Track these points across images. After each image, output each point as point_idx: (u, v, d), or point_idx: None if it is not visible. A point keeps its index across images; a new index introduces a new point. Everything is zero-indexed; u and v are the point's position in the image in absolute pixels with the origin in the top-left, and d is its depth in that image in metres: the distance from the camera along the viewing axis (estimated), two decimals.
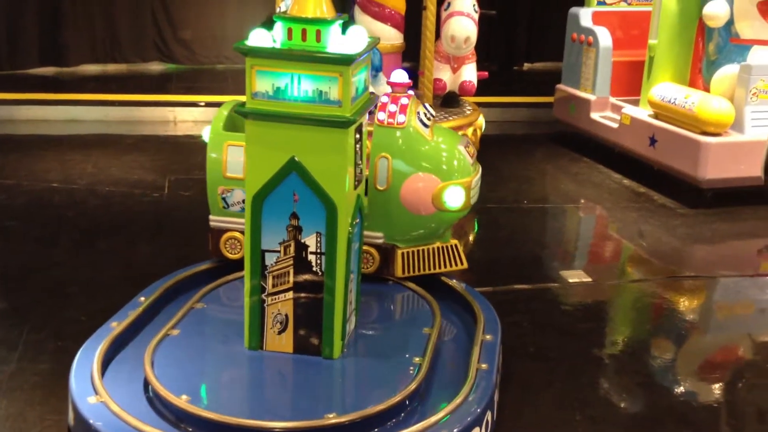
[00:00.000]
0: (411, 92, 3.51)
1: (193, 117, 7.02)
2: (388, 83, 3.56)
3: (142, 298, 3.28)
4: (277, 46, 2.77)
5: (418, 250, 3.47)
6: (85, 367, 2.82)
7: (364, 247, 3.40)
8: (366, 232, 3.34)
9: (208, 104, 7.15)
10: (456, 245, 3.52)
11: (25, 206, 4.98)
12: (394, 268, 3.46)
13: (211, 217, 3.53)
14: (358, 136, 2.90)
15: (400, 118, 3.34)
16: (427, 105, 3.46)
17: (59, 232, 4.62)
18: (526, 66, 9.41)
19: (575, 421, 3.09)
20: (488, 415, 2.78)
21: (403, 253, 3.45)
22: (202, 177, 5.64)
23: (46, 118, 6.79)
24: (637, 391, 3.35)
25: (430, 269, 3.48)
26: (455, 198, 3.34)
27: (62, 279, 4.03)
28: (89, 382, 2.74)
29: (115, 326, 3.06)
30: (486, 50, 8.74)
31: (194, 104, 7.10)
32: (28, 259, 4.28)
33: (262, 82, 2.76)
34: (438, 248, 3.48)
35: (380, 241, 3.46)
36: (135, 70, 8.31)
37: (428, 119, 3.39)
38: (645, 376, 3.47)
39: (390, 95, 3.43)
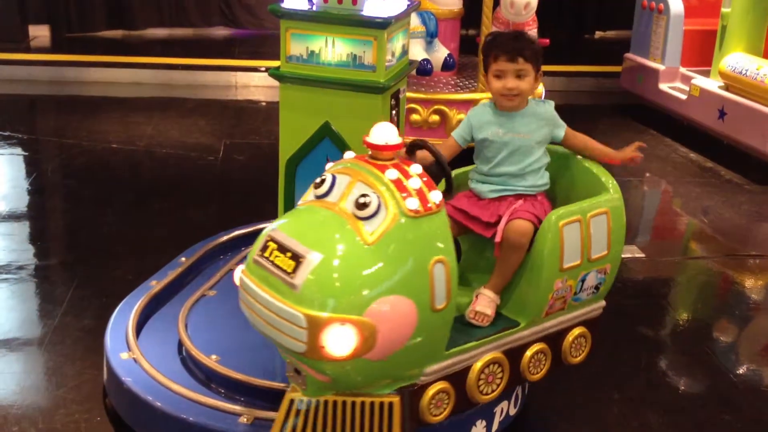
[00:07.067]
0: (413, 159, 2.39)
1: (254, 82, 7.04)
2: (365, 142, 2.29)
3: (183, 259, 3.32)
4: (313, 8, 2.74)
5: None
6: (121, 323, 2.88)
7: None
8: None
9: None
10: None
11: (83, 166, 5.09)
12: None
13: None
14: (394, 101, 2.84)
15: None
16: (369, 189, 2.14)
17: (114, 193, 4.70)
18: (598, 34, 9.13)
19: (611, 400, 3.01)
20: (518, 390, 2.73)
21: None
22: (257, 142, 5.75)
23: (112, 80, 6.90)
24: (680, 371, 3.24)
25: None
26: None
27: (113, 238, 4.11)
28: (123, 339, 2.79)
29: (155, 285, 3.11)
30: (556, 18, 8.51)
31: (256, 69, 7.11)
32: (81, 217, 4.37)
33: (296, 46, 2.74)
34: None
35: None
36: (200, 35, 8.38)
37: (360, 209, 2.11)
38: (690, 356, 3.35)
39: (364, 158, 2.27)
